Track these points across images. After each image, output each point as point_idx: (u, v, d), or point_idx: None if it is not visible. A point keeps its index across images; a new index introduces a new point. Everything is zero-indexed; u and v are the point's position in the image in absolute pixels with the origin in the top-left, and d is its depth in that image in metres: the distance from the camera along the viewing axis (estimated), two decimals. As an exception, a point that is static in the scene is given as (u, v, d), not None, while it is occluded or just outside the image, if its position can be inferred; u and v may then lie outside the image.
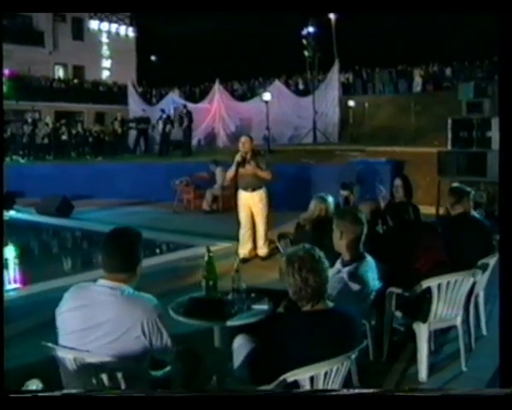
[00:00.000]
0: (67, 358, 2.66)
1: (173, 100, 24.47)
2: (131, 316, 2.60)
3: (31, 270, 8.28)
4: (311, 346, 2.53)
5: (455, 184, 5.34)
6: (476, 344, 4.56)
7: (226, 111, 22.96)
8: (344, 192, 9.68)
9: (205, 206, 12.59)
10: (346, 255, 3.54)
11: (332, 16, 25.41)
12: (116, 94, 30.04)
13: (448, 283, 3.99)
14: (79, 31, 31.59)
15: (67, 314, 2.71)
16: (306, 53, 21.13)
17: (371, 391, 1.59)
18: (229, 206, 10.74)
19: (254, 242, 7.89)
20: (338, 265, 3.53)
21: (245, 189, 7.59)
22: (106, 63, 32.61)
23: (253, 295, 3.50)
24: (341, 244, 3.53)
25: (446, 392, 1.59)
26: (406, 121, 18.29)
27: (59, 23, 30.68)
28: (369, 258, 3.57)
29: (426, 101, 19.67)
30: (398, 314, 4.25)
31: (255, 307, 3.36)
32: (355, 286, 3.35)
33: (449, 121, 9.74)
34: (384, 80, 25.07)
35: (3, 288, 5.96)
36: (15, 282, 7.48)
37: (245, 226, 7.76)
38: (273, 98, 18.55)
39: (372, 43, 29.39)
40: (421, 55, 24.77)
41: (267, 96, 17.87)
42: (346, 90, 23.51)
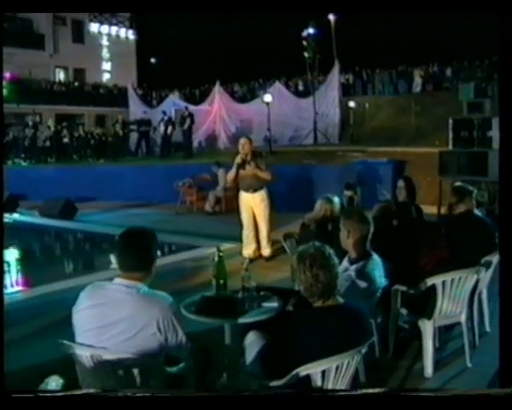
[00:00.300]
0: (84, 355, 2.71)
1: (174, 102, 24.54)
2: (147, 314, 2.66)
3: (37, 272, 8.38)
4: (323, 341, 2.61)
5: (457, 184, 5.42)
6: (480, 341, 4.62)
7: (227, 113, 23.03)
8: (348, 192, 9.82)
9: (207, 207, 12.65)
10: (353, 254, 3.62)
11: (331, 17, 25.46)
12: (116, 96, 30.02)
13: (452, 280, 4.06)
14: (80, 34, 31.60)
15: (84, 313, 2.77)
16: (306, 54, 21.19)
17: (371, 391, 1.63)
18: (231, 207, 10.80)
19: (258, 242, 7.94)
20: (345, 263, 3.60)
21: (246, 190, 7.61)
22: (106, 66, 32.63)
23: (263, 293, 3.58)
24: (348, 243, 3.61)
25: (446, 392, 1.61)
26: (406, 122, 18.35)
27: (59, 26, 30.69)
28: (376, 256, 3.65)
29: (426, 101, 19.71)
30: (403, 312, 4.31)
31: (265, 305, 3.44)
32: (362, 284, 3.43)
33: (450, 121, 9.79)
34: (384, 81, 25.12)
35: (3, 290, 6.01)
36: (20, 284, 7.57)
37: (247, 228, 7.78)
38: (273, 99, 18.59)
39: (372, 44, 29.40)
40: (420, 55, 24.78)
41: (268, 97, 17.93)
42: (346, 90, 23.50)
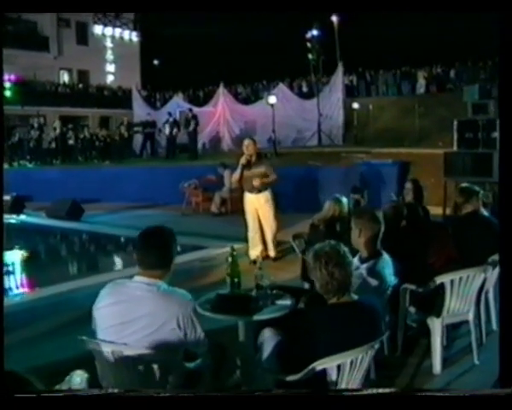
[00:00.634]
0: (105, 351, 2.79)
1: (178, 104, 24.60)
2: (168, 310, 2.74)
3: (46, 272, 8.47)
4: (338, 336, 2.69)
5: (464, 184, 5.48)
6: (487, 339, 4.69)
7: (231, 114, 23.06)
8: (355, 196, 9.93)
9: (213, 208, 12.71)
10: (364, 252, 3.69)
11: (335, 19, 25.55)
12: (120, 98, 30.10)
13: (460, 278, 4.14)
14: (84, 36, 31.73)
15: (105, 310, 2.85)
16: (310, 56, 21.24)
17: (371, 392, 1.66)
18: (237, 208, 10.81)
19: (264, 243, 7.98)
20: (356, 262, 3.67)
21: (250, 191, 7.64)
22: (110, 68, 32.74)
23: (275, 291, 3.66)
24: (360, 242, 3.69)
25: (447, 392, 1.64)
26: (410, 123, 18.38)
27: (63, 28, 30.84)
28: (386, 255, 3.72)
29: (429, 102, 19.74)
30: (411, 310, 4.39)
31: (279, 303, 3.52)
32: (373, 282, 3.50)
33: (455, 123, 9.82)
34: (388, 82, 25.13)
35: (3, 290, 6.08)
36: (29, 284, 7.65)
37: (252, 230, 7.79)
38: (277, 101, 18.60)
39: (375, 45, 29.50)
40: (424, 56, 24.83)
41: (273, 99, 17.94)
42: (350, 92, 23.53)
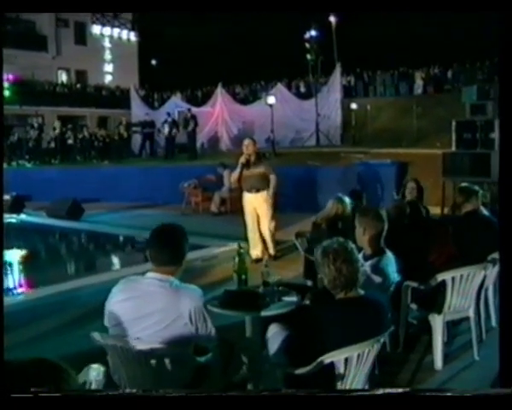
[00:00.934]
0: (118, 346, 2.86)
1: (176, 104, 24.63)
2: (180, 305, 2.82)
3: (48, 271, 8.53)
4: (345, 330, 2.78)
5: (463, 184, 5.58)
6: (486, 335, 4.79)
7: (229, 114, 23.09)
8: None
9: (213, 208, 12.77)
10: (368, 250, 3.78)
11: (332, 19, 25.62)
12: (119, 98, 30.12)
13: (461, 276, 4.23)
14: (82, 35, 31.71)
15: (118, 305, 2.92)
16: (309, 56, 21.27)
17: (375, 392, 1.67)
18: (236, 208, 10.86)
19: (264, 242, 8.05)
20: (360, 259, 3.75)
21: (249, 190, 7.72)
22: (108, 67, 32.73)
23: (281, 288, 3.74)
24: (364, 240, 3.78)
25: (446, 392, 1.65)
26: (408, 123, 18.46)
27: (62, 28, 30.86)
28: (389, 253, 3.81)
29: (427, 103, 19.82)
30: (413, 307, 4.48)
31: (285, 299, 3.60)
32: (377, 279, 3.59)
33: (453, 123, 9.91)
34: (385, 83, 25.22)
35: (3, 290, 6.14)
36: (32, 283, 7.71)
37: (252, 230, 7.84)
38: (276, 101, 18.67)
39: (373, 45, 29.61)
40: (421, 57, 24.94)
41: (271, 99, 17.98)
42: (348, 92, 23.60)
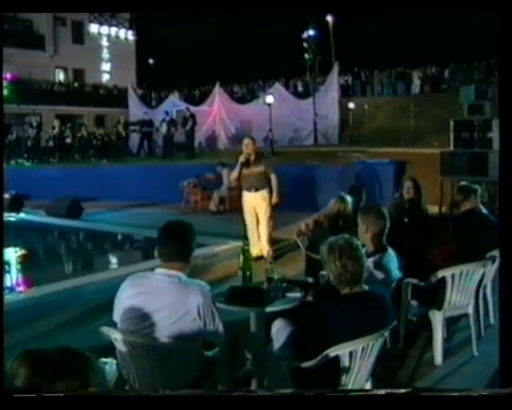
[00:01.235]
0: (127, 340, 2.92)
1: (174, 103, 24.64)
2: (189, 301, 2.88)
3: (49, 269, 8.59)
4: (350, 324, 2.85)
5: (462, 183, 5.66)
6: (485, 332, 4.87)
7: (226, 113, 23.13)
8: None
9: (212, 207, 12.80)
10: (371, 247, 3.85)
11: (329, 19, 25.70)
12: (116, 97, 30.14)
13: (461, 273, 4.31)
14: (79, 34, 31.75)
15: (128, 301, 2.98)
16: (307, 56, 21.35)
17: (371, 392, 1.68)
18: (235, 207, 10.91)
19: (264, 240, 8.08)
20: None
21: (248, 189, 7.75)
22: (106, 66, 32.77)
23: (285, 285, 3.81)
24: (367, 237, 3.85)
25: (445, 392, 1.68)
26: (405, 123, 18.55)
27: (59, 27, 30.84)
28: (391, 250, 3.89)
29: (424, 102, 19.92)
30: (413, 303, 4.55)
31: (289, 295, 3.67)
32: (380, 275, 3.66)
33: (451, 123, 9.98)
34: (383, 82, 25.34)
35: (3, 289, 6.18)
36: (33, 281, 7.75)
37: (251, 228, 7.87)
38: (274, 100, 18.74)
39: (370, 45, 29.72)
40: (419, 57, 25.06)
41: (270, 98, 18.05)
42: (345, 91, 23.71)
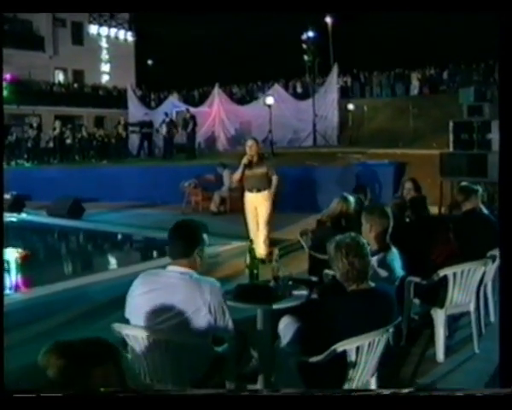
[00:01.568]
0: (140, 336, 2.98)
1: (173, 104, 24.69)
2: (200, 297, 2.95)
3: (51, 269, 8.64)
4: (357, 320, 2.93)
5: (463, 183, 5.75)
6: (486, 329, 4.95)
7: (226, 115, 23.17)
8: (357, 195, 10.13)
9: (213, 207, 12.87)
10: (375, 246, 3.92)
11: (328, 20, 25.81)
12: (115, 98, 30.25)
13: (462, 271, 4.39)
14: (79, 35, 31.85)
15: (140, 298, 3.05)
16: (306, 57, 21.47)
17: (375, 392, 1.71)
18: (236, 207, 10.99)
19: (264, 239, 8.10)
20: (369, 254, 3.92)
21: (250, 190, 7.80)
22: (105, 67, 32.87)
23: (290, 282, 3.89)
24: (370, 236, 3.93)
25: (445, 392, 1.71)
26: (404, 124, 18.64)
27: (59, 28, 30.94)
28: (394, 249, 3.97)
29: (423, 104, 20.03)
30: (416, 301, 4.63)
31: (295, 293, 3.75)
32: (383, 273, 3.74)
33: (450, 124, 10.04)
34: (382, 84, 25.45)
35: (4, 289, 6.24)
36: (37, 282, 7.80)
37: (253, 228, 7.89)
38: (273, 102, 18.83)
39: (369, 46, 29.83)
40: (417, 58, 25.17)
41: (270, 100, 18.11)
42: (345, 93, 23.82)
